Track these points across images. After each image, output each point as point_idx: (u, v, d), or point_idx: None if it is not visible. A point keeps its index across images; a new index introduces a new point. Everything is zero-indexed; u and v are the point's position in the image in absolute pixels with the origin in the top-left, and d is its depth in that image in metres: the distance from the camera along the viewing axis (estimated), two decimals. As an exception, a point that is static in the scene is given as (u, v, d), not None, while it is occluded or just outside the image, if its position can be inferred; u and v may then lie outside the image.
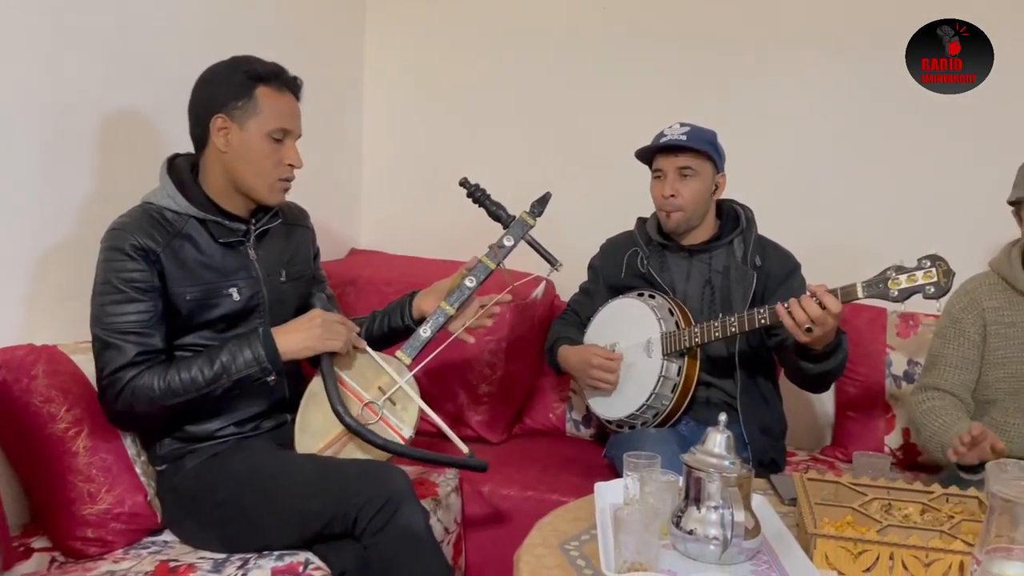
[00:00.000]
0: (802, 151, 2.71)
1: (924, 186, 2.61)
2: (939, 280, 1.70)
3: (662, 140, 2.11)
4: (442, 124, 3.02)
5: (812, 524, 1.35)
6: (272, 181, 1.71)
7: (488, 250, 1.90)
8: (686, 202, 2.11)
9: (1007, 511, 1.11)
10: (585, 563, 1.37)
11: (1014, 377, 1.95)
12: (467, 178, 1.95)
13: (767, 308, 1.88)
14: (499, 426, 2.55)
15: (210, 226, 1.71)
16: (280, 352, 1.66)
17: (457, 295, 1.87)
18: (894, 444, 2.39)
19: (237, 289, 1.72)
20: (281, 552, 1.60)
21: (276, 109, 1.68)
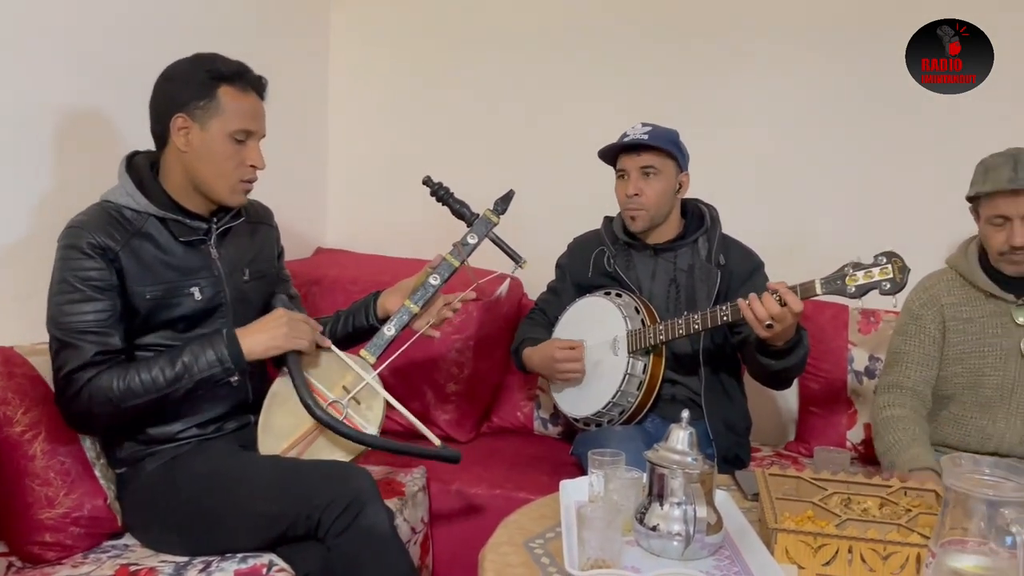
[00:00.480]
0: (765, 151, 2.74)
1: (884, 185, 2.65)
2: (895, 276, 1.72)
3: (624, 140, 2.13)
4: (408, 123, 3.01)
5: (773, 519, 1.37)
6: (233, 182, 1.69)
7: (452, 248, 1.89)
8: (649, 201, 2.12)
9: (961, 504, 1.13)
10: (549, 561, 1.37)
11: (971, 372, 1.99)
12: (430, 176, 1.94)
13: (729, 305, 1.90)
14: (467, 425, 2.55)
15: (170, 225, 1.68)
16: (244, 352, 1.65)
17: (421, 293, 1.87)
18: (856, 439, 2.43)
19: (199, 288, 1.70)
20: (244, 554, 1.59)
21: (239, 109, 1.66)
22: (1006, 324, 1.96)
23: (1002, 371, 1.95)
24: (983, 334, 1.98)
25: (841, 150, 2.68)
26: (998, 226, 1.90)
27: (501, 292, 2.03)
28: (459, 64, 2.95)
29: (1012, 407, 1.94)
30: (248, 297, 1.82)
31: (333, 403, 1.75)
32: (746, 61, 2.73)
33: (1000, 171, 1.86)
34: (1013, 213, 1.86)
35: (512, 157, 2.91)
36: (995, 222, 1.90)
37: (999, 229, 1.90)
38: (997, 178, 1.86)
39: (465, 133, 2.96)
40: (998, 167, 1.87)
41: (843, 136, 2.67)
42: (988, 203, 1.91)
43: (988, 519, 1.11)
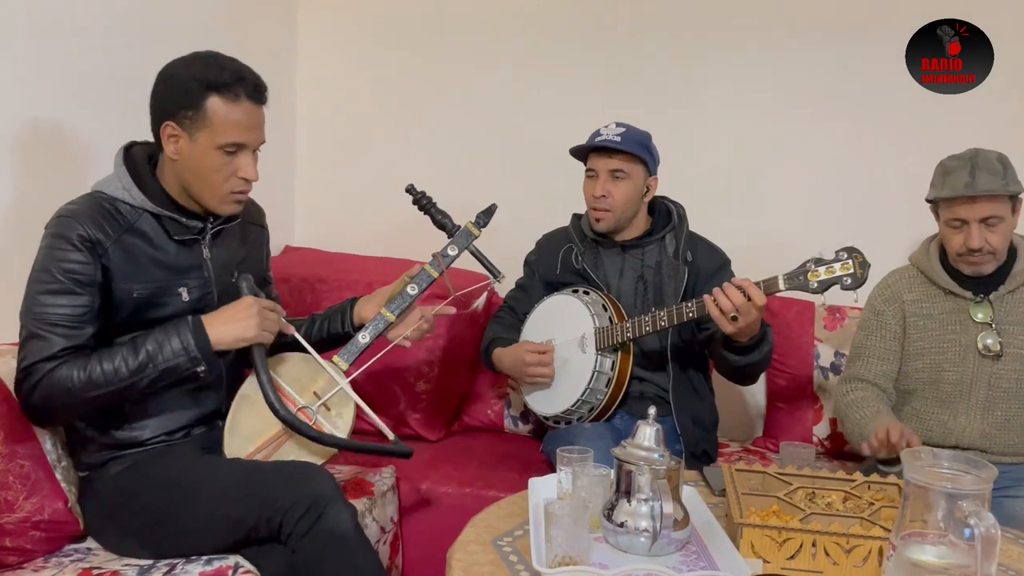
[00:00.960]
0: (732, 150, 2.76)
1: (850, 183, 2.68)
2: (855, 272, 1.75)
3: (597, 140, 2.13)
4: (377, 121, 2.99)
5: (738, 514, 1.38)
6: (223, 195, 1.64)
7: (432, 258, 1.89)
8: (616, 203, 2.13)
9: (921, 497, 1.15)
10: (518, 559, 1.37)
11: (932, 367, 2.02)
12: (414, 185, 1.93)
13: (695, 301, 1.92)
14: (437, 424, 2.54)
15: (165, 222, 1.64)
16: (212, 342, 1.60)
17: (398, 302, 1.85)
18: (822, 434, 2.46)
19: (187, 289, 1.67)
20: (210, 556, 1.57)
21: (229, 121, 1.58)
22: (964, 321, 1.99)
23: (961, 367, 1.98)
24: (943, 331, 2.01)
25: (806, 149, 2.71)
26: (956, 228, 1.94)
27: (478, 306, 2.05)
28: (428, 62, 2.94)
29: (971, 402, 1.98)
30: (235, 298, 1.76)
31: (302, 408, 1.73)
32: (714, 62, 2.75)
33: (958, 176, 1.89)
34: (970, 217, 1.89)
35: (481, 154, 2.90)
36: (953, 224, 1.94)
37: (957, 232, 1.94)
38: (955, 183, 1.89)
39: (434, 131, 2.94)
40: (956, 171, 1.90)
41: (809, 135, 2.70)
42: (946, 207, 1.94)
43: (947, 512, 1.13)
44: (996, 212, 1.88)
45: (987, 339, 1.96)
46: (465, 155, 2.91)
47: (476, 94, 2.92)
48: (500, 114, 2.90)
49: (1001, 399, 1.96)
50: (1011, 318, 1.97)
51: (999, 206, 1.88)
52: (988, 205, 1.88)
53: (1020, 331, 1.96)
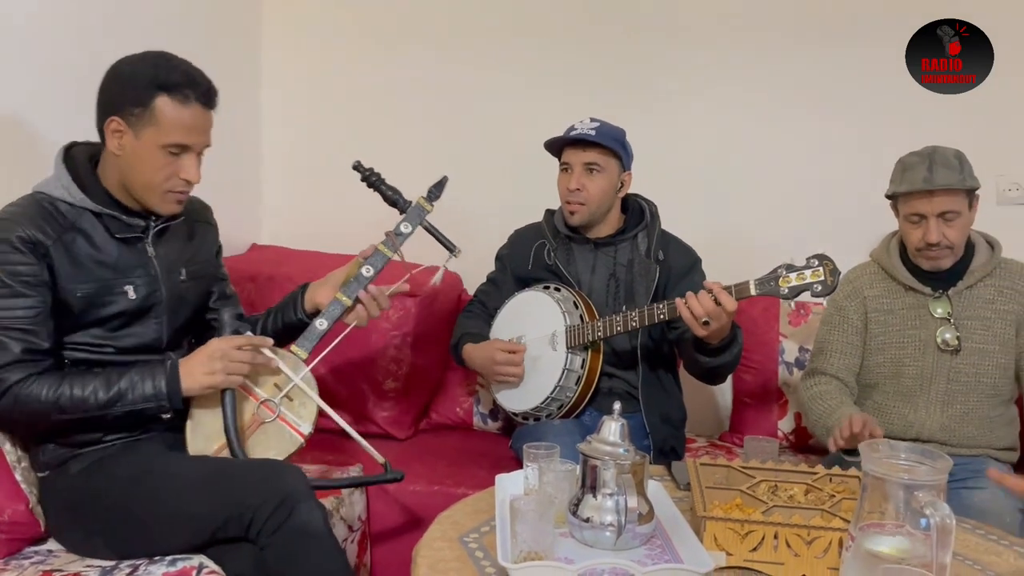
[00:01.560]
0: (703, 149, 2.78)
1: (816, 182, 2.71)
2: (826, 279, 1.77)
3: (572, 133, 2.14)
4: (344, 117, 2.97)
5: (702, 507, 1.39)
6: (162, 193, 1.62)
7: (385, 238, 1.86)
8: (590, 197, 2.14)
9: (878, 488, 1.17)
10: (484, 555, 1.37)
11: (892, 362, 2.06)
12: (360, 162, 1.90)
13: (666, 303, 1.93)
14: (405, 422, 2.53)
15: (106, 220, 1.62)
16: (182, 389, 1.60)
17: (354, 285, 1.83)
18: (787, 428, 2.49)
19: (133, 287, 1.65)
20: (174, 557, 1.55)
21: (176, 122, 1.57)
22: (924, 316, 2.03)
23: (920, 361, 2.02)
24: (903, 326, 2.05)
25: (776, 147, 2.74)
26: (915, 223, 1.97)
27: (435, 281, 2.01)
28: (394, 56, 2.92)
29: (931, 396, 2.01)
30: (185, 297, 1.77)
31: (265, 402, 1.72)
32: (686, 60, 2.76)
33: (916, 171, 1.93)
34: (928, 212, 1.93)
35: (451, 150, 2.90)
36: (912, 220, 1.97)
37: (916, 226, 1.97)
38: (913, 178, 1.93)
39: (403, 127, 2.93)
40: (914, 167, 1.94)
41: (778, 134, 2.73)
42: (905, 202, 1.98)
43: (904, 502, 1.16)
44: (953, 207, 1.92)
45: (946, 334, 1.99)
46: (435, 151, 2.90)
47: (445, 90, 2.91)
48: (470, 110, 2.90)
49: (960, 392, 2.00)
50: (969, 313, 2.00)
51: (956, 201, 1.92)
52: (946, 199, 1.91)
53: (978, 326, 2.00)
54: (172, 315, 1.72)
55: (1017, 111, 2.56)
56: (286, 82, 3.00)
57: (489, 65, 2.87)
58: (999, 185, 2.55)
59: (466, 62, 2.89)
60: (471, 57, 2.88)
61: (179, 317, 1.74)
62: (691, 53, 2.76)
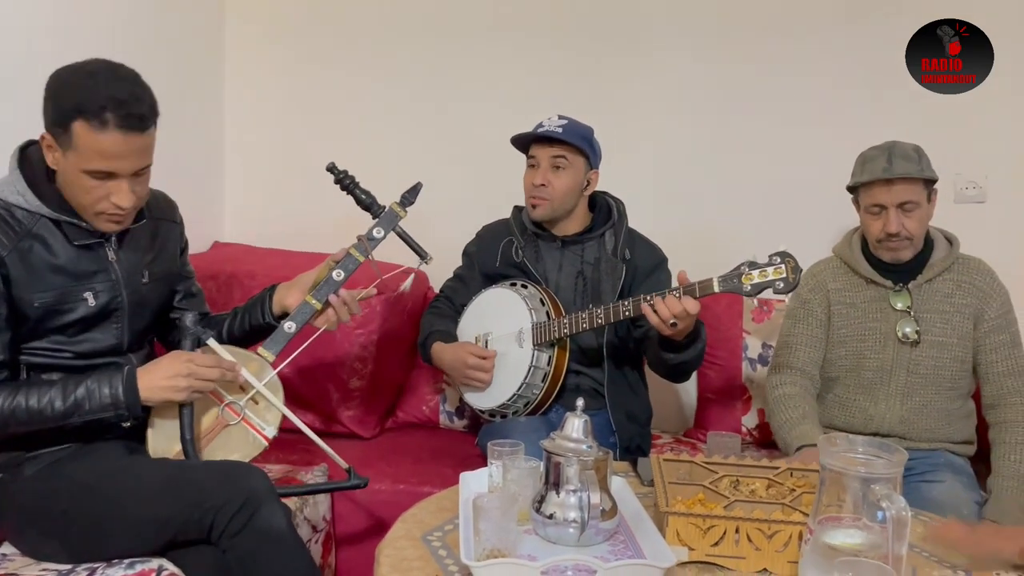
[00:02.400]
0: (670, 148, 2.80)
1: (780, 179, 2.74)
2: (787, 276, 1.79)
3: (539, 130, 2.14)
4: (308, 114, 2.95)
5: (664, 503, 1.40)
6: (93, 214, 1.56)
7: (357, 242, 1.85)
8: (555, 193, 2.14)
9: (836, 482, 1.19)
10: (447, 553, 1.37)
11: (854, 355, 2.08)
12: (335, 164, 1.89)
13: (631, 301, 1.94)
14: (371, 421, 2.52)
15: (64, 227, 1.57)
16: (141, 398, 1.57)
17: (324, 289, 1.81)
18: (751, 424, 2.52)
19: (93, 294, 1.61)
20: (132, 560, 1.52)
21: (94, 149, 1.47)
22: (884, 309, 2.06)
23: (881, 354, 2.05)
24: (864, 319, 2.08)
25: (739, 146, 2.76)
26: (875, 215, 2.00)
27: (405, 287, 2.01)
28: (361, 52, 2.90)
29: (891, 389, 2.04)
30: (146, 300, 1.73)
31: (229, 404, 1.70)
32: (652, 59, 2.78)
33: (876, 162, 1.97)
34: (888, 202, 1.96)
35: (417, 146, 2.89)
36: (872, 211, 2.00)
37: (876, 218, 2.00)
38: (873, 169, 1.97)
39: (368, 124, 2.91)
40: (874, 159, 1.98)
41: (741, 132, 2.76)
42: (866, 193, 2.01)
43: (861, 496, 1.17)
44: (912, 197, 1.95)
45: (906, 327, 2.03)
46: (401, 148, 2.88)
47: (411, 88, 2.89)
48: (436, 106, 2.89)
49: (919, 385, 2.03)
50: (928, 306, 2.04)
51: (915, 191, 1.96)
52: (904, 189, 1.95)
53: (937, 319, 2.03)
54: (132, 319, 1.69)
55: (974, 111, 2.61)
56: (250, 80, 2.96)
57: (456, 63, 2.87)
58: (957, 184, 2.60)
59: (432, 59, 2.88)
60: (437, 54, 2.87)
61: (140, 320, 1.71)
62: (657, 52, 2.77)
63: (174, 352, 1.66)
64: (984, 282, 2.05)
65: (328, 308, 1.82)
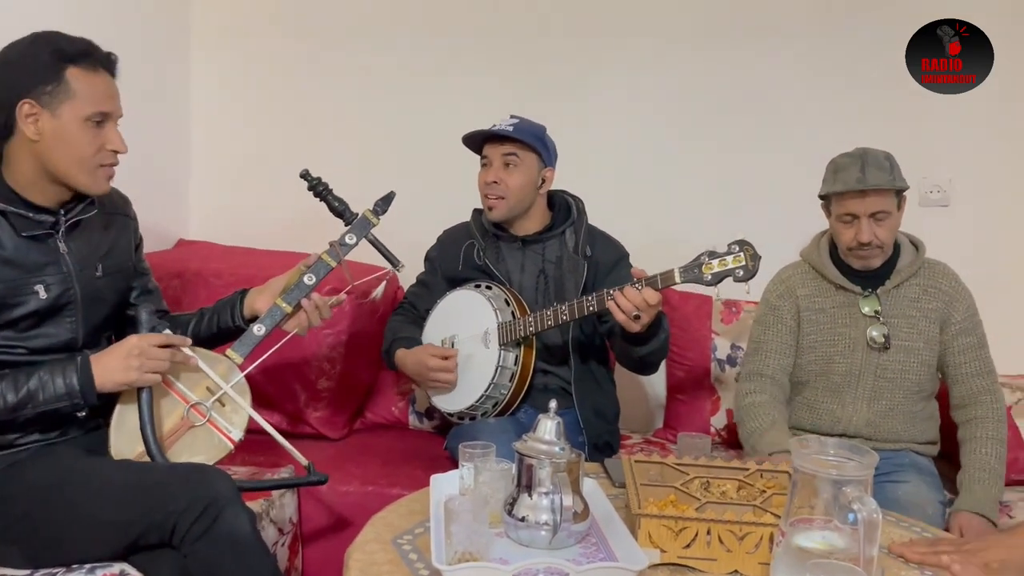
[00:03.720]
0: (630, 145, 2.81)
1: (745, 180, 2.76)
2: (747, 264, 1.80)
3: (491, 128, 2.14)
4: (273, 112, 2.92)
5: (636, 505, 1.40)
6: (93, 168, 1.57)
7: (329, 247, 1.84)
8: (509, 190, 2.14)
9: (807, 484, 1.19)
10: (417, 557, 1.35)
11: (822, 360, 2.10)
12: (308, 171, 1.88)
13: (595, 295, 1.94)
14: (339, 422, 2.49)
15: (11, 218, 1.54)
16: (96, 385, 1.54)
17: (295, 293, 1.80)
18: (719, 424, 2.53)
19: (44, 286, 1.57)
20: (93, 565, 1.49)
21: (92, 91, 1.53)
22: (854, 315, 2.07)
23: (849, 359, 2.07)
24: (833, 324, 2.09)
25: (703, 147, 2.78)
26: (847, 223, 2.01)
27: (376, 295, 2.01)
28: (326, 50, 2.88)
29: (859, 392, 2.06)
30: (101, 294, 1.69)
31: (195, 405, 1.67)
32: (611, 58, 2.79)
33: (849, 172, 1.97)
34: (860, 212, 1.98)
35: (381, 148, 2.87)
36: (844, 219, 2.02)
37: (848, 226, 2.01)
38: (846, 179, 1.97)
39: (333, 122, 2.89)
40: (847, 168, 1.98)
41: (706, 133, 2.77)
42: (838, 202, 2.02)
43: (833, 498, 1.18)
44: (884, 207, 1.97)
45: (874, 332, 2.04)
46: (365, 147, 2.87)
47: (376, 86, 2.88)
48: (400, 107, 2.87)
49: (886, 389, 2.05)
50: (896, 311, 2.06)
51: (887, 201, 1.97)
52: (877, 200, 1.96)
53: (904, 324, 2.05)
54: (87, 313, 1.65)
55: (939, 116, 2.65)
56: (217, 78, 2.92)
57: (419, 66, 2.86)
58: (921, 188, 2.64)
59: (397, 61, 2.86)
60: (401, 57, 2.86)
61: (95, 315, 1.67)
62: (618, 51, 2.78)
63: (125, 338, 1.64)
64: (949, 286, 2.07)
65: (298, 312, 1.81)
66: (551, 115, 2.27)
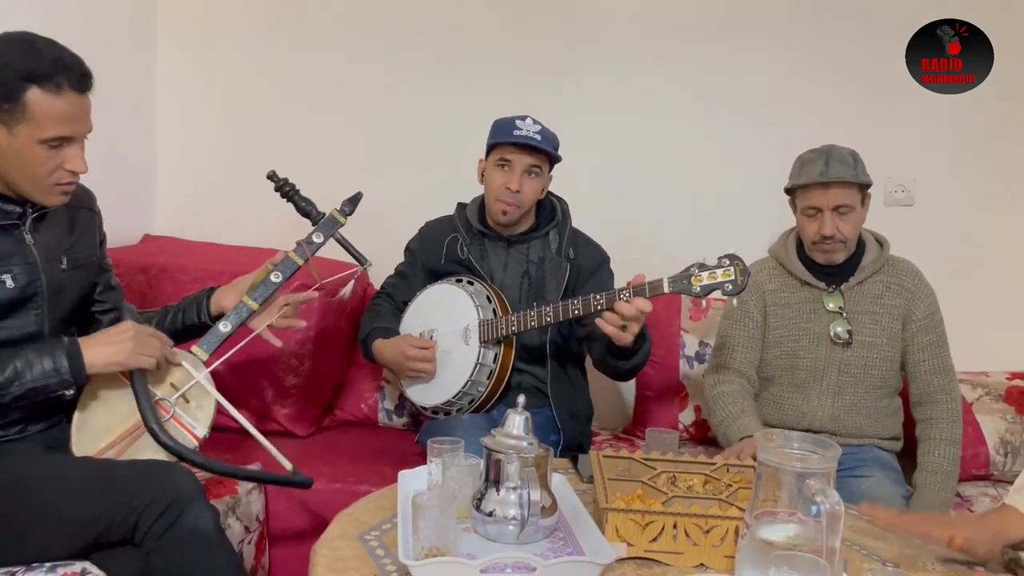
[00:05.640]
0: (612, 146, 2.82)
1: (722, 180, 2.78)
2: (736, 278, 1.81)
3: (516, 133, 2.10)
4: (243, 108, 2.89)
5: (604, 499, 1.40)
6: (48, 186, 1.52)
7: (296, 245, 1.83)
8: (526, 199, 2.14)
9: (772, 477, 1.20)
10: (384, 552, 1.34)
11: (788, 355, 2.12)
12: (275, 171, 1.87)
13: (580, 300, 1.94)
14: (307, 419, 2.47)
15: None
16: (86, 364, 1.52)
17: (262, 290, 1.80)
18: (688, 421, 2.55)
19: (11, 276, 1.55)
20: (54, 563, 1.46)
21: (52, 115, 1.45)
22: (818, 310, 2.10)
23: (814, 354, 2.09)
24: (798, 319, 2.12)
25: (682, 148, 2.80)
26: (811, 217, 2.04)
27: (344, 294, 2.00)
28: (295, 46, 2.85)
29: (823, 387, 2.09)
30: (66, 287, 1.67)
31: (159, 401, 1.65)
32: (595, 59, 2.79)
33: (813, 166, 2.01)
34: (824, 205, 2.00)
35: (356, 143, 2.85)
36: (808, 213, 2.05)
37: (812, 220, 2.04)
38: (810, 172, 2.01)
39: (303, 118, 2.86)
40: (812, 162, 2.02)
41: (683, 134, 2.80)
42: (802, 195, 2.05)
43: (797, 490, 1.19)
44: (847, 201, 2.00)
45: (838, 327, 2.07)
46: (338, 145, 2.84)
47: (349, 84, 2.86)
48: (372, 102, 2.85)
49: (850, 384, 2.08)
50: (859, 307, 2.09)
51: (850, 195, 2.00)
52: (840, 193, 1.99)
53: (867, 320, 2.08)
54: (53, 306, 1.63)
55: (905, 117, 2.69)
56: (184, 72, 2.89)
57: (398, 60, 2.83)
58: (886, 187, 2.68)
59: (367, 54, 2.84)
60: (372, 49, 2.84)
61: (60, 308, 1.64)
62: (601, 52, 2.79)
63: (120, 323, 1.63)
64: (912, 283, 2.11)
65: (264, 310, 1.80)
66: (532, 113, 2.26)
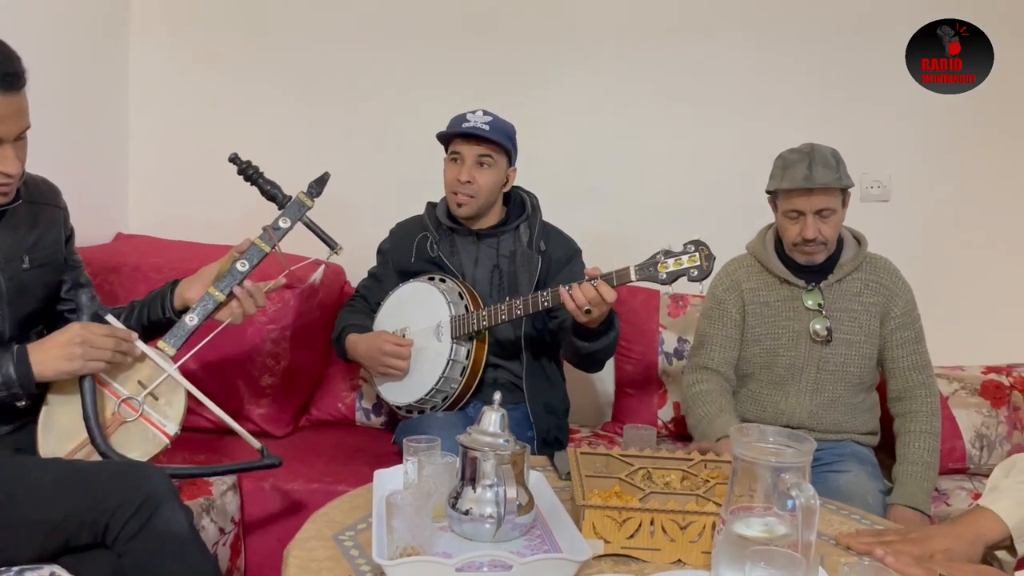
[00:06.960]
0: (585, 143, 2.82)
1: (693, 176, 2.79)
2: (701, 264, 1.82)
3: (464, 125, 2.11)
4: (216, 106, 2.86)
5: (581, 496, 1.39)
6: None
7: (262, 232, 1.79)
8: (480, 190, 2.13)
9: (747, 472, 1.19)
10: (359, 553, 1.32)
11: (767, 353, 2.12)
12: (238, 154, 1.83)
13: (550, 291, 1.94)
14: (283, 419, 2.45)
15: None
16: (35, 374, 1.49)
17: (228, 280, 1.75)
18: (666, 417, 2.55)
19: None
20: (21, 568, 1.43)
21: None
22: (797, 308, 2.10)
23: (793, 352, 2.09)
24: (777, 317, 2.12)
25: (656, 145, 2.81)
26: (793, 219, 2.04)
27: (315, 279, 1.96)
28: (269, 44, 2.84)
29: (802, 385, 2.09)
30: (29, 286, 1.63)
31: (127, 400, 1.62)
32: (570, 55, 2.79)
33: (796, 169, 1.99)
34: (807, 209, 2.00)
35: (329, 142, 2.83)
36: (791, 216, 2.04)
37: (794, 222, 2.04)
38: (794, 176, 1.99)
39: (278, 116, 2.85)
40: (795, 164, 2.00)
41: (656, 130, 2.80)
42: (785, 199, 2.04)
43: (772, 485, 1.18)
44: (829, 204, 2.00)
45: (817, 325, 2.07)
46: (312, 143, 2.82)
47: (322, 81, 2.84)
48: (348, 102, 2.84)
49: (828, 381, 2.09)
50: (838, 305, 2.09)
51: (832, 199, 2.00)
52: (823, 198, 1.99)
53: (846, 317, 2.09)
54: (14, 306, 1.59)
55: (880, 114, 2.71)
56: (155, 71, 2.85)
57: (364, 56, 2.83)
58: (862, 183, 2.70)
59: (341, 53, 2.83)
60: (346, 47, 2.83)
61: (23, 308, 1.61)
62: (574, 48, 2.79)
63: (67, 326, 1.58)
64: (890, 280, 2.11)
65: (232, 300, 1.75)
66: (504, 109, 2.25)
